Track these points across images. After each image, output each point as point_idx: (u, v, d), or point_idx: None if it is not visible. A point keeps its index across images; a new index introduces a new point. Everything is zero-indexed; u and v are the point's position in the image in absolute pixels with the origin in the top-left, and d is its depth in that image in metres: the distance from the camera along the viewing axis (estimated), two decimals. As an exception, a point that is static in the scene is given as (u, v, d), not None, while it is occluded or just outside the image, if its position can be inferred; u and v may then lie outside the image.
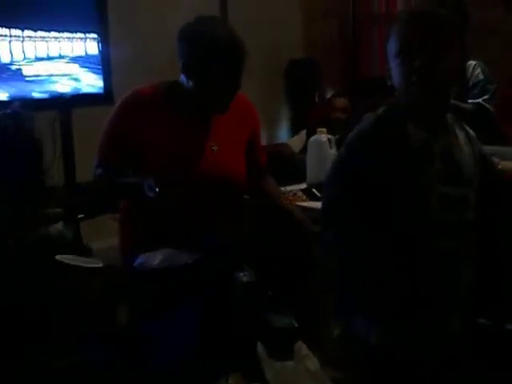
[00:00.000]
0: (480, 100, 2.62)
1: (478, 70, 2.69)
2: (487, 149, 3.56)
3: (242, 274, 1.79)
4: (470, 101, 2.72)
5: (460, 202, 1.67)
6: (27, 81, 3.08)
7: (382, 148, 1.60)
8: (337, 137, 2.87)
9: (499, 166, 3.66)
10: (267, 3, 4.92)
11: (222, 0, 4.62)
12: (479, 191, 1.71)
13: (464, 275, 1.69)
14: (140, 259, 1.90)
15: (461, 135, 1.72)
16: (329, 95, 4.87)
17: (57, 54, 3.17)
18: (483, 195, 1.72)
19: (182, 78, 2.08)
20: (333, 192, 1.69)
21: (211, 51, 1.99)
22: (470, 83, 2.66)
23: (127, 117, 2.09)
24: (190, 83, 2.04)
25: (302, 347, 1.65)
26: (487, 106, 2.64)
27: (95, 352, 1.63)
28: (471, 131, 1.78)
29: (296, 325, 1.71)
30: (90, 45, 3.29)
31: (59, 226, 2.14)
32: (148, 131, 2.05)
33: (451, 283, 1.68)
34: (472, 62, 2.71)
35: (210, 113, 2.12)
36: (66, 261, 1.77)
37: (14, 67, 3.04)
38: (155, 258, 1.88)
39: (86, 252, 2.14)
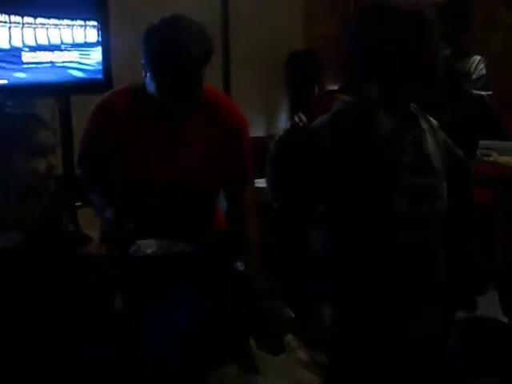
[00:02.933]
0: (484, 93, 2.64)
1: (482, 65, 2.72)
2: (486, 143, 3.60)
3: (238, 264, 1.79)
4: (474, 92, 2.74)
5: (430, 192, 1.67)
6: (26, 68, 3.06)
7: (350, 137, 1.59)
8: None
9: (491, 158, 3.70)
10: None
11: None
12: (447, 182, 1.72)
13: (437, 265, 1.70)
14: (135, 246, 1.91)
15: (425, 126, 1.72)
16: (329, 87, 4.87)
17: (57, 41, 3.15)
18: (451, 186, 1.72)
19: (148, 79, 2.05)
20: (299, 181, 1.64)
21: (156, 52, 1.98)
22: (474, 76, 2.68)
23: (98, 124, 2.13)
24: (154, 82, 2.01)
25: (292, 339, 1.66)
26: (488, 101, 2.66)
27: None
28: (434, 122, 1.78)
29: (292, 315, 1.72)
30: (89, 32, 3.28)
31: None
32: (116, 139, 2.08)
33: (424, 274, 1.68)
34: (476, 57, 2.74)
35: (174, 112, 2.07)
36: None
37: (13, 54, 3.03)
38: (150, 246, 1.88)
39: (86, 241, 2.14)
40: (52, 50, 3.15)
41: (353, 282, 1.64)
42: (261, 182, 2.16)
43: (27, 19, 3.06)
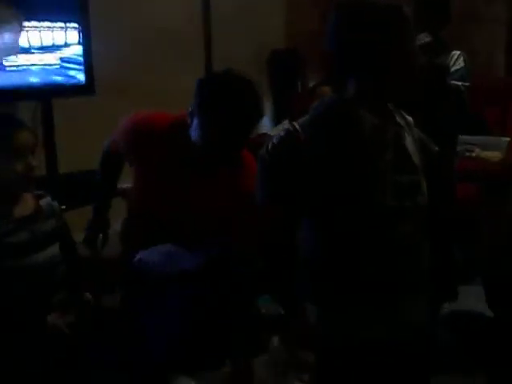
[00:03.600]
0: (460, 84, 2.66)
1: (461, 59, 2.74)
2: (469, 139, 3.63)
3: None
4: (452, 82, 2.76)
5: (412, 188, 1.69)
6: (8, 70, 3.04)
7: (335, 135, 1.59)
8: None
9: (473, 154, 3.73)
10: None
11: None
12: (425, 178, 1.73)
13: (422, 260, 1.72)
14: (139, 255, 1.90)
15: (402, 123, 1.73)
16: (311, 84, 4.88)
17: (37, 44, 3.13)
18: (428, 182, 1.74)
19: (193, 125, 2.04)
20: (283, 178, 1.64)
21: (232, 125, 1.97)
22: (452, 69, 2.70)
23: (135, 142, 2.12)
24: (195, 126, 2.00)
25: (274, 340, 1.66)
26: (464, 91, 2.68)
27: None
28: (409, 118, 1.79)
29: (282, 312, 1.72)
30: (70, 34, 3.26)
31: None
32: (143, 161, 2.10)
33: (411, 268, 1.69)
34: (456, 52, 2.76)
35: (207, 162, 2.06)
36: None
37: (-7, 57, 3.01)
38: (154, 255, 1.87)
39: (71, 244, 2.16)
40: (33, 53, 3.13)
41: (340, 280, 1.64)
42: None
43: (7, 22, 3.03)
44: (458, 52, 2.77)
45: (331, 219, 1.62)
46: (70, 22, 3.25)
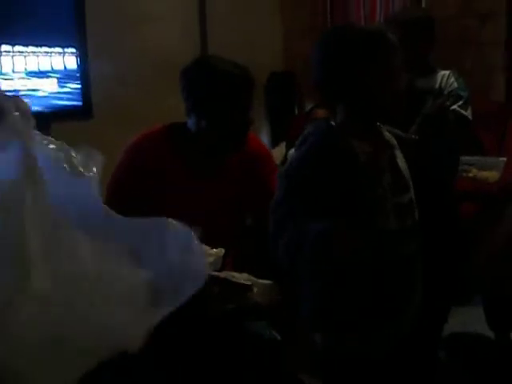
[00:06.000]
0: (455, 106, 2.64)
1: (452, 79, 2.72)
2: (467, 159, 3.63)
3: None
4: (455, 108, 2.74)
5: (411, 205, 1.71)
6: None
7: (334, 162, 1.59)
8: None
9: (470, 174, 3.73)
10: (247, 19, 4.95)
11: (201, 15, 4.63)
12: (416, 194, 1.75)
13: (419, 275, 1.73)
14: None
15: (393, 142, 1.74)
16: (308, 107, 4.90)
17: (35, 69, 3.15)
18: (420, 197, 1.75)
19: (190, 121, 2.04)
20: (289, 208, 1.63)
21: (228, 85, 1.97)
22: (445, 92, 2.69)
23: (133, 166, 2.06)
24: (203, 123, 2.00)
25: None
26: (462, 111, 2.67)
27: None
28: (395, 130, 1.80)
29: (278, 337, 1.70)
30: (68, 59, 3.28)
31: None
32: (153, 184, 2.02)
33: (410, 286, 1.71)
34: (446, 72, 2.74)
35: (224, 154, 2.06)
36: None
37: (-9, 82, 3.03)
38: None
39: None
40: (30, 78, 3.15)
41: (342, 304, 1.64)
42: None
43: (5, 47, 3.06)
44: (448, 72, 2.75)
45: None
46: (67, 46, 3.28)
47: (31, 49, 3.11)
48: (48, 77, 3.22)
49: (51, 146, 1.21)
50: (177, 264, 1.17)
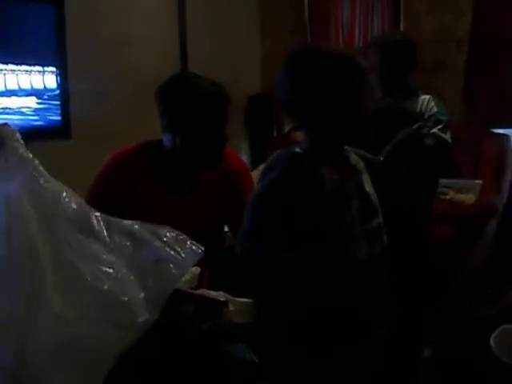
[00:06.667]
0: (435, 130, 2.68)
1: (433, 103, 2.75)
2: (444, 182, 3.67)
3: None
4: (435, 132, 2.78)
5: (379, 230, 1.69)
6: (-17, 114, 3.04)
7: (300, 191, 1.56)
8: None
9: (447, 197, 3.77)
10: (227, 42, 4.99)
11: (181, 37, 4.66)
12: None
13: (390, 298, 1.72)
14: None
15: (360, 166, 1.72)
16: (286, 129, 4.92)
17: (14, 87, 3.14)
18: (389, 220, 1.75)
19: (166, 138, 2.03)
20: (256, 238, 1.61)
21: (203, 103, 1.96)
22: (425, 116, 2.72)
23: (108, 181, 2.06)
24: (177, 141, 1.99)
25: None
26: (442, 135, 2.70)
27: None
28: (361, 151, 1.81)
29: (256, 360, 1.67)
30: (48, 78, 3.27)
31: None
32: (127, 199, 2.00)
33: (381, 311, 1.69)
34: (426, 96, 2.78)
35: (199, 171, 2.06)
36: None
37: (-31, 100, 3.00)
38: None
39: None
40: (9, 96, 3.13)
41: (316, 331, 1.62)
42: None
43: (-16, 65, 3.04)
44: (428, 97, 2.79)
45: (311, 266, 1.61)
46: (47, 65, 3.27)
47: (11, 67, 3.10)
48: (27, 95, 3.20)
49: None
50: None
